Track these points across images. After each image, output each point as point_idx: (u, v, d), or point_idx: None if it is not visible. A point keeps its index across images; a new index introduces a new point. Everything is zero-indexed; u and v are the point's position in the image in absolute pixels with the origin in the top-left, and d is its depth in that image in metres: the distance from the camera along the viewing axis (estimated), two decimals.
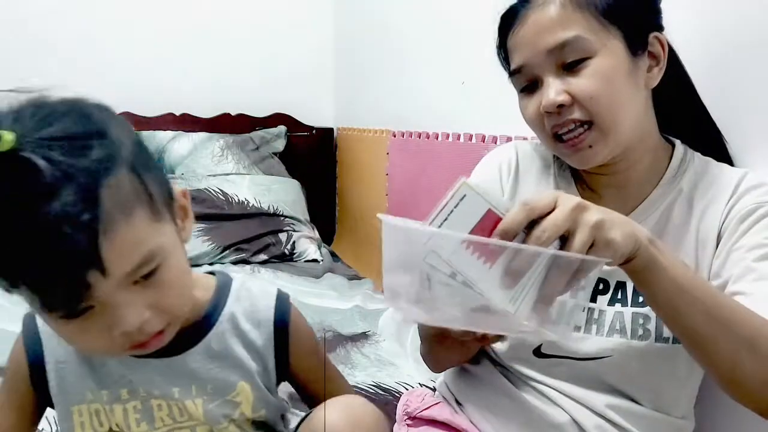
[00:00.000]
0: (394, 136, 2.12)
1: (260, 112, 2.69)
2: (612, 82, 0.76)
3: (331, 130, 2.81)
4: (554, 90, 0.77)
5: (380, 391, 1.28)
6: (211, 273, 0.78)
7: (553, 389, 0.83)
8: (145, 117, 2.57)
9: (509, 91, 0.89)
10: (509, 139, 1.42)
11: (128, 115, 2.56)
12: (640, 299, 0.80)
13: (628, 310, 0.80)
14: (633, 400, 0.81)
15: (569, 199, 0.58)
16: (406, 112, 2.07)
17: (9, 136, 0.47)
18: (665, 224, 0.81)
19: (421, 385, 1.31)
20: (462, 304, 0.60)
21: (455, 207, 0.59)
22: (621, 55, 0.77)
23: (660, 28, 0.81)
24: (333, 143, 2.81)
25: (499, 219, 0.58)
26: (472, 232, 0.59)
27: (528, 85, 0.81)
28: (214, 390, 0.71)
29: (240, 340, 0.73)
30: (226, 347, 0.72)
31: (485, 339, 0.73)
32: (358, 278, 2.18)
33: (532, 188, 0.91)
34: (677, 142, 0.86)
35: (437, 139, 1.80)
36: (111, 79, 2.49)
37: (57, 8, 2.44)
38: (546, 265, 0.57)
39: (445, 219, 0.59)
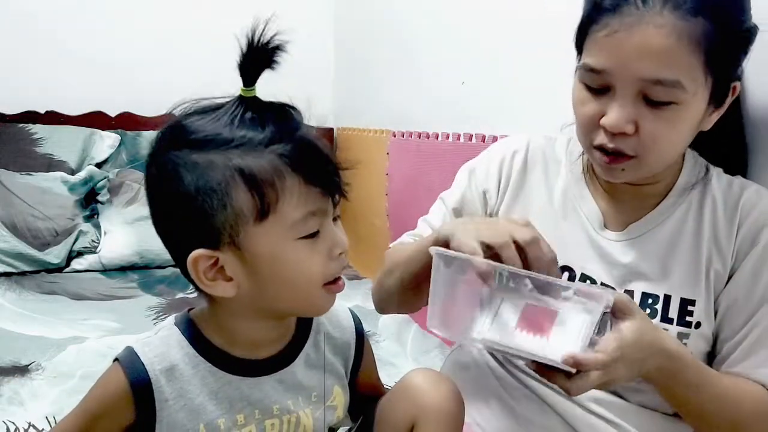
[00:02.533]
0: (394, 136, 2.12)
1: None
2: (680, 131, 0.74)
3: (330, 130, 2.81)
4: (625, 117, 0.72)
5: None
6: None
7: (542, 383, 0.83)
8: (145, 117, 2.57)
9: (509, 91, 0.89)
10: None
11: (128, 115, 2.56)
12: None
13: None
14: (619, 396, 0.81)
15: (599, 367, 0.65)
16: (406, 111, 2.07)
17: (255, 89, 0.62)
18: (678, 235, 0.81)
19: None
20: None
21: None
22: (702, 107, 0.73)
23: (740, 77, 0.77)
24: (333, 143, 2.81)
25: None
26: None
27: (597, 87, 0.75)
28: (317, 398, 0.72)
29: (330, 346, 0.75)
30: (321, 354, 0.74)
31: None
32: (358, 278, 2.18)
33: (540, 182, 0.91)
34: (687, 153, 0.85)
35: (437, 139, 1.80)
36: (111, 78, 2.49)
37: (57, 8, 2.43)
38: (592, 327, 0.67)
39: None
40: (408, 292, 0.90)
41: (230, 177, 0.58)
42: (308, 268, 0.63)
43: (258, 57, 0.61)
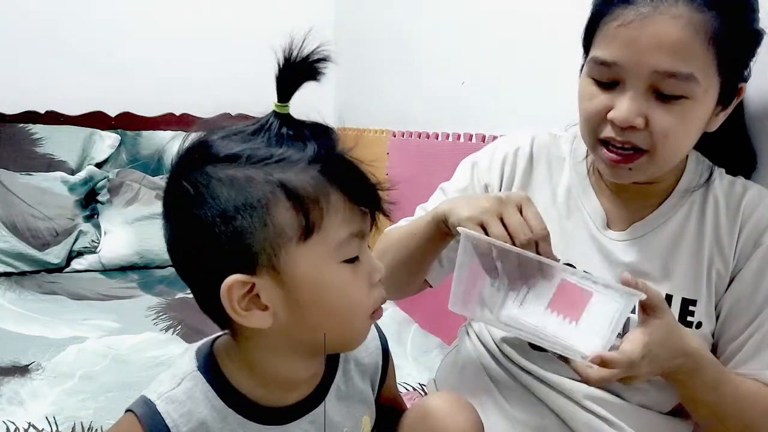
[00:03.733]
0: (394, 136, 2.12)
1: (260, 111, 2.69)
2: (690, 128, 0.73)
3: None
4: (635, 110, 0.71)
5: None
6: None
7: (538, 379, 0.83)
8: (145, 117, 2.57)
9: (509, 91, 0.89)
10: None
11: (128, 115, 2.56)
12: None
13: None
14: (616, 395, 0.81)
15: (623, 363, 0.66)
16: (407, 112, 2.07)
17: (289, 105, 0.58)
18: (680, 235, 0.82)
19: (421, 385, 1.31)
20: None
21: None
22: (711, 105, 0.73)
23: (747, 78, 0.76)
24: None
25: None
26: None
27: (606, 81, 0.74)
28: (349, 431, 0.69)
29: (359, 373, 0.71)
30: (351, 384, 0.70)
31: None
32: None
33: (545, 179, 0.91)
34: (690, 153, 0.85)
35: (437, 139, 1.80)
36: (111, 78, 2.49)
37: (57, 8, 2.43)
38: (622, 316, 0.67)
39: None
40: (401, 271, 0.90)
41: (271, 192, 0.53)
42: (352, 295, 0.58)
43: (298, 70, 0.57)
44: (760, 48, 0.74)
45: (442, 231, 0.81)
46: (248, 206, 0.53)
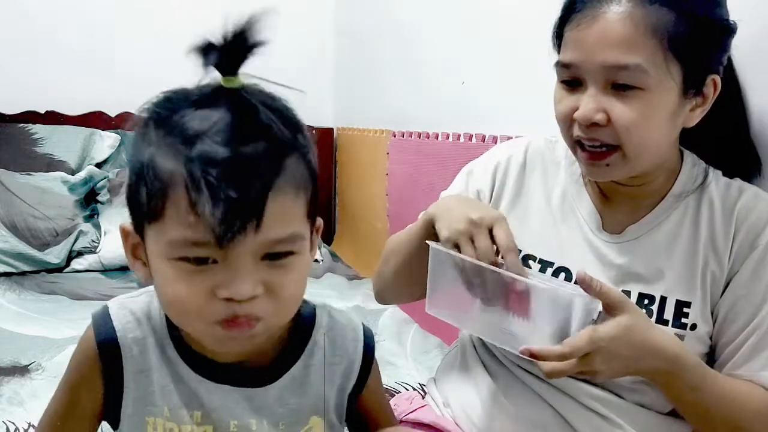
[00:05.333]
0: (394, 136, 2.12)
1: None
2: (653, 120, 0.75)
3: (330, 130, 2.81)
4: (594, 106, 0.75)
5: None
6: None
7: (539, 378, 0.83)
8: None
9: (509, 91, 0.89)
10: (509, 139, 1.42)
11: (128, 115, 2.56)
12: None
13: None
14: (615, 394, 0.81)
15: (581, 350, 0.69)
16: (406, 112, 2.07)
17: (241, 78, 0.54)
18: (675, 237, 0.82)
19: (421, 385, 1.31)
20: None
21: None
22: (672, 96, 0.74)
23: (719, 70, 0.77)
24: (333, 143, 2.81)
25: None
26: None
27: (570, 80, 0.78)
28: (285, 426, 0.65)
29: (322, 375, 0.67)
30: (308, 381, 0.66)
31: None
32: (358, 278, 2.18)
33: (539, 185, 0.92)
34: (686, 156, 0.86)
35: (437, 139, 1.80)
36: (111, 78, 2.49)
37: (57, 8, 2.43)
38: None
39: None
40: (402, 278, 0.93)
41: (148, 161, 0.53)
42: (177, 293, 0.54)
43: (241, 38, 0.54)
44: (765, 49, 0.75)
45: (432, 234, 0.85)
46: (138, 167, 0.54)
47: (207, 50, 0.53)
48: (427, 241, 0.81)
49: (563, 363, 0.69)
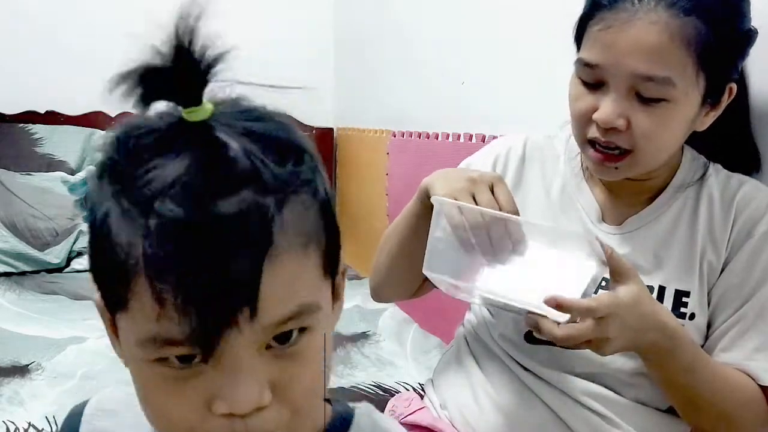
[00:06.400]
0: (394, 136, 2.12)
1: None
2: (672, 129, 0.75)
3: (330, 130, 2.80)
4: (617, 112, 0.73)
5: (380, 392, 1.28)
6: (326, 400, 0.49)
7: (533, 374, 0.84)
8: None
9: (509, 91, 0.89)
10: None
11: (128, 115, 2.56)
12: None
13: None
14: (613, 391, 0.81)
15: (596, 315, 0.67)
16: (406, 112, 2.07)
17: (209, 106, 0.39)
18: (674, 229, 0.82)
19: (420, 385, 1.31)
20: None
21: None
22: (695, 106, 0.74)
23: (737, 78, 0.78)
24: (333, 143, 2.81)
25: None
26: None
27: (592, 83, 0.77)
28: None
29: None
30: None
31: None
32: (358, 278, 2.18)
33: (537, 178, 0.92)
34: (686, 151, 0.86)
35: (437, 139, 1.80)
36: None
37: (57, 8, 2.43)
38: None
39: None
40: (399, 263, 0.90)
41: (101, 229, 0.38)
42: (160, 407, 0.41)
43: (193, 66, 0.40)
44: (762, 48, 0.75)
45: (426, 206, 0.82)
46: (93, 233, 0.40)
47: (148, 79, 0.39)
48: (430, 197, 0.76)
49: (579, 327, 0.67)
